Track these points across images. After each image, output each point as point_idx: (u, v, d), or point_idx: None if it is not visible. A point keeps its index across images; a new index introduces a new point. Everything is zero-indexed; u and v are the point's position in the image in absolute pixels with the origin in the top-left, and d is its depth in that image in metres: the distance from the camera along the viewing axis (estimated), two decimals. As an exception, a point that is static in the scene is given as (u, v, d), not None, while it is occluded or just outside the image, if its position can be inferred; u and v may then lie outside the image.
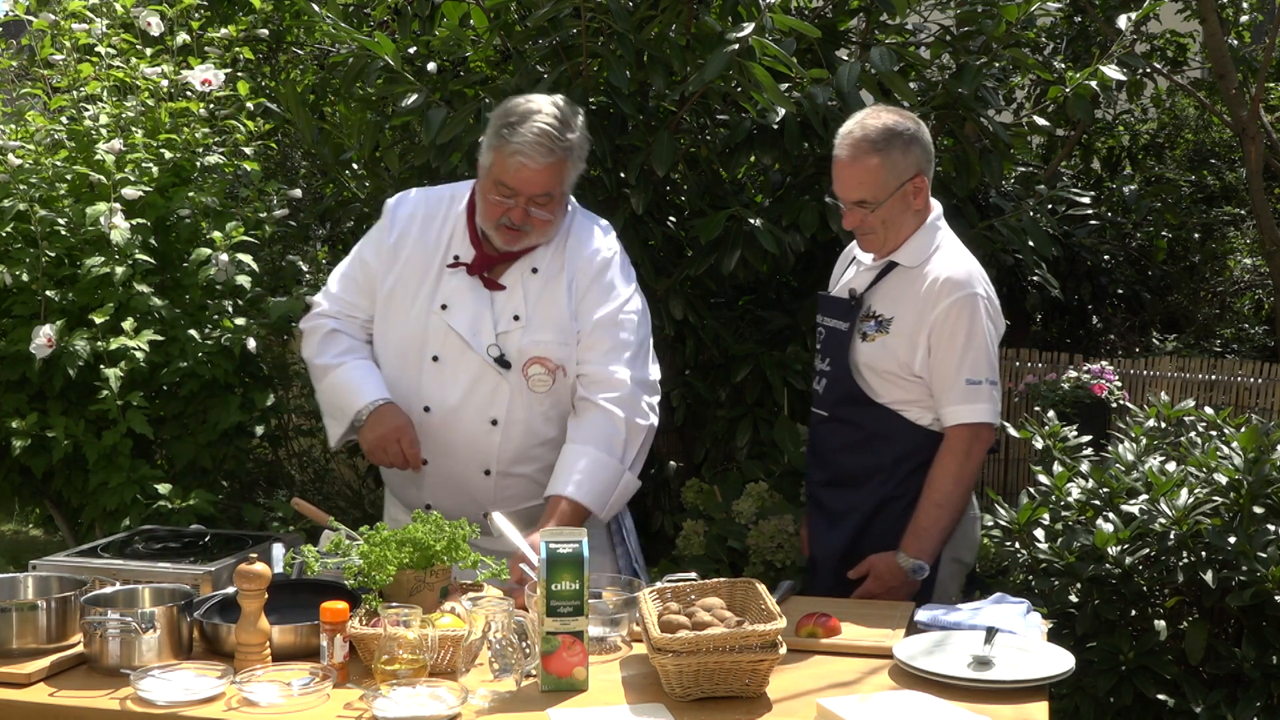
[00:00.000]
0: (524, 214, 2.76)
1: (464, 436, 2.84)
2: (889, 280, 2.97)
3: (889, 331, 2.90)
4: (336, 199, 5.26)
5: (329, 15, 3.90)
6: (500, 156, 2.73)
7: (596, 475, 2.80)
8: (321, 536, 2.61)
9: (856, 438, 2.98)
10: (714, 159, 4.34)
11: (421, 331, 2.84)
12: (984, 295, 2.88)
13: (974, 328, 2.84)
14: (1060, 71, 4.88)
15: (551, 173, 2.74)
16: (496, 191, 2.75)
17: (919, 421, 2.92)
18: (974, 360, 2.85)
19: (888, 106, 3.03)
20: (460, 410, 2.83)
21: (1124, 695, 3.17)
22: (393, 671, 2.12)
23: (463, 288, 2.84)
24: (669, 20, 4.05)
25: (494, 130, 2.76)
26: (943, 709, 2.03)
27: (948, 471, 2.86)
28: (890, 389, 2.92)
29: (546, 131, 2.71)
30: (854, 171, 2.89)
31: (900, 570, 2.88)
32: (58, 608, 2.28)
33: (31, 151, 4.13)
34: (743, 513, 4.13)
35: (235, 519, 4.37)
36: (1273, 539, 3.04)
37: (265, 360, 4.41)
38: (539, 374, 2.83)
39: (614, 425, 2.83)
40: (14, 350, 3.87)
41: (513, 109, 2.77)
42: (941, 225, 2.99)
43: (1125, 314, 7.31)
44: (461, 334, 2.81)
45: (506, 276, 2.86)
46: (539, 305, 2.85)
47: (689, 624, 2.18)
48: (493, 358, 2.80)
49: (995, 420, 2.90)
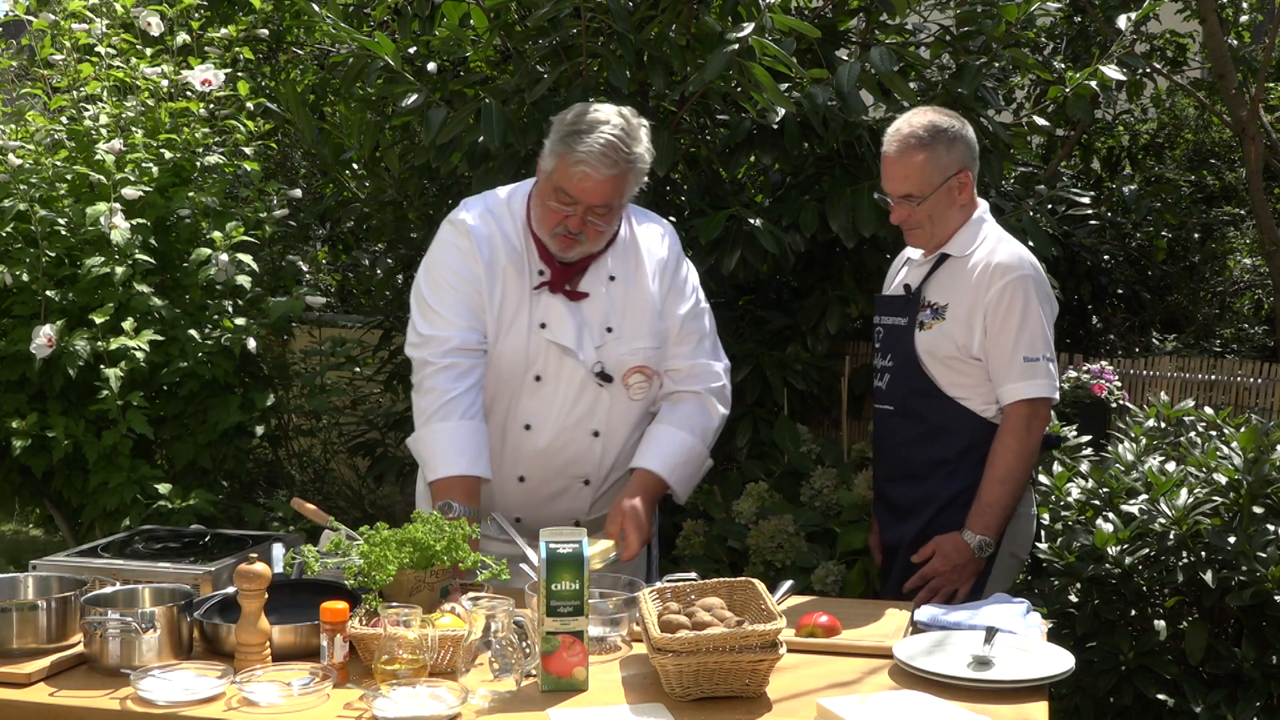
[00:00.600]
0: (581, 222, 2.73)
1: (566, 451, 2.85)
2: (941, 271, 3.05)
3: (945, 318, 2.98)
4: (336, 199, 5.26)
5: (329, 15, 3.90)
6: (564, 164, 2.69)
7: (690, 462, 2.89)
8: (321, 536, 2.61)
9: (921, 430, 3.04)
10: (714, 159, 4.35)
11: (524, 351, 2.81)
12: (1034, 276, 2.96)
13: (1028, 306, 2.92)
14: (1060, 71, 4.88)
15: (613, 185, 2.71)
16: (556, 198, 2.73)
17: (983, 414, 2.98)
18: (1030, 338, 2.92)
19: (934, 107, 3.12)
20: (563, 426, 2.83)
21: (1124, 695, 3.17)
22: (393, 671, 2.12)
23: (554, 304, 2.82)
24: (669, 20, 4.05)
25: (558, 137, 2.72)
26: (943, 709, 2.03)
27: (1009, 448, 2.92)
28: (952, 375, 2.99)
29: (612, 143, 2.67)
30: (900, 166, 2.97)
31: (966, 547, 2.92)
32: (58, 608, 2.28)
33: (31, 151, 4.14)
34: (743, 513, 4.13)
35: (235, 519, 4.37)
36: (1272, 539, 3.04)
37: (265, 360, 4.41)
38: (639, 382, 2.87)
39: (709, 416, 2.94)
40: (14, 350, 3.87)
41: (579, 117, 2.72)
42: (988, 218, 3.07)
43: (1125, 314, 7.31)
44: (569, 348, 2.80)
45: (586, 284, 2.85)
46: (628, 314, 2.86)
47: (689, 624, 2.18)
48: (595, 373, 2.82)
49: (1054, 395, 2.97)
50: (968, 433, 2.99)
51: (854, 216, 4.19)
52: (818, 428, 5.00)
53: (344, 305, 6.67)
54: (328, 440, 5.52)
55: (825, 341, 4.71)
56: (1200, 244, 7.65)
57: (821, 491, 4.18)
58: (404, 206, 4.89)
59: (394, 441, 5.23)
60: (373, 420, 5.31)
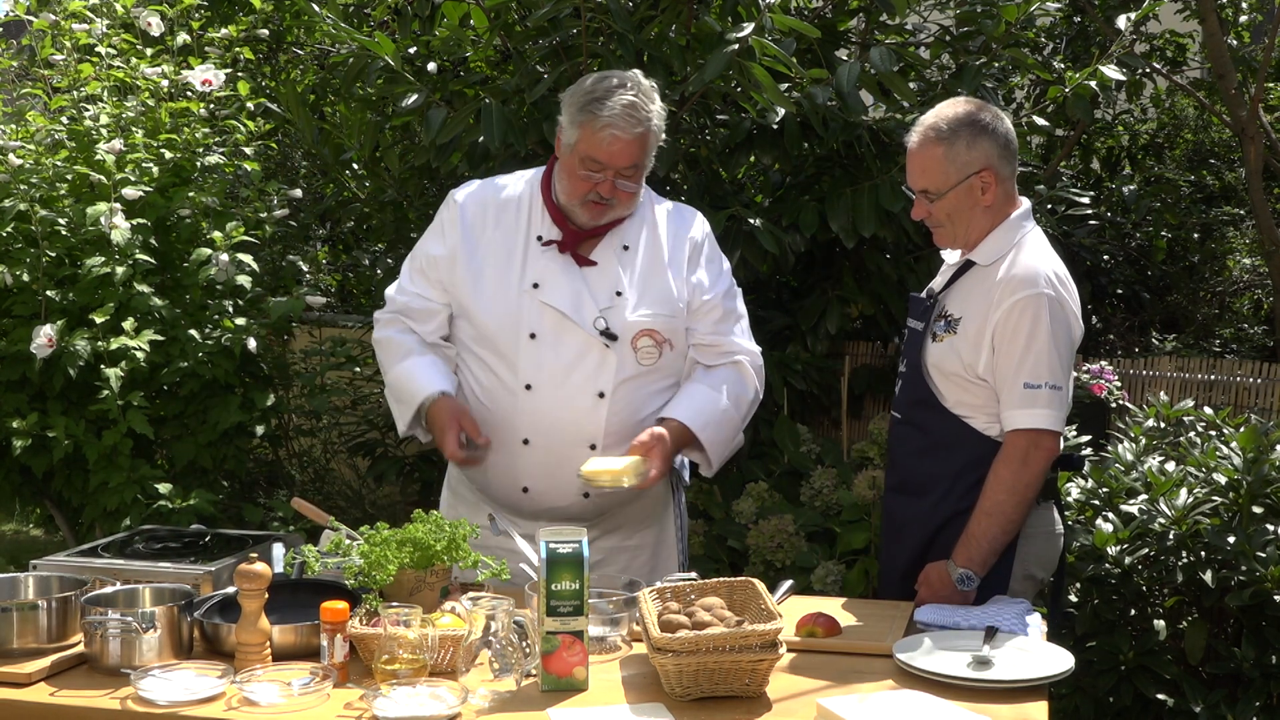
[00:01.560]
0: (612, 187, 2.81)
1: (569, 412, 2.84)
2: (964, 280, 2.88)
3: (956, 332, 2.81)
4: (336, 199, 5.27)
5: (329, 15, 3.90)
6: (590, 132, 2.77)
7: (722, 424, 2.90)
8: (321, 536, 2.61)
9: (924, 443, 2.89)
10: (714, 159, 4.35)
11: (515, 311, 2.86)
12: (1052, 295, 2.73)
13: (1036, 329, 2.71)
14: (1060, 71, 4.89)
15: (639, 144, 2.80)
16: (584, 167, 2.80)
17: (986, 431, 2.80)
18: (1034, 363, 2.71)
19: (970, 98, 2.93)
20: (564, 385, 2.83)
21: (1124, 695, 3.17)
22: (393, 671, 2.12)
23: (553, 266, 2.88)
24: (669, 20, 4.05)
25: (577, 108, 2.80)
26: (943, 709, 2.03)
27: (1000, 479, 2.72)
28: (956, 392, 2.83)
29: (634, 103, 2.77)
30: (918, 160, 2.84)
31: (949, 578, 2.76)
32: (58, 608, 2.28)
33: (32, 151, 4.14)
34: (743, 513, 4.13)
35: (235, 519, 4.37)
36: (1272, 539, 3.04)
37: (265, 360, 4.41)
38: (648, 346, 2.88)
39: (745, 385, 2.96)
40: (14, 350, 3.87)
41: (595, 86, 2.81)
42: (1027, 224, 2.87)
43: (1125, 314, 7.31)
44: (562, 310, 2.84)
45: (596, 253, 2.90)
46: (642, 281, 2.90)
47: (689, 624, 2.18)
48: (599, 330, 2.84)
49: (1057, 428, 2.74)
50: (967, 450, 2.81)
51: (854, 216, 4.19)
52: (818, 428, 5.01)
53: (344, 305, 6.67)
54: (328, 440, 5.52)
55: (825, 341, 4.72)
56: (1200, 244, 7.65)
57: (821, 491, 4.18)
58: (404, 206, 4.89)
59: (394, 441, 5.23)
60: (373, 420, 5.31)
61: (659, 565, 3.04)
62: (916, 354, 2.90)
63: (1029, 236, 2.85)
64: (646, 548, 3.03)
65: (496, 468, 2.89)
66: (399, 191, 4.85)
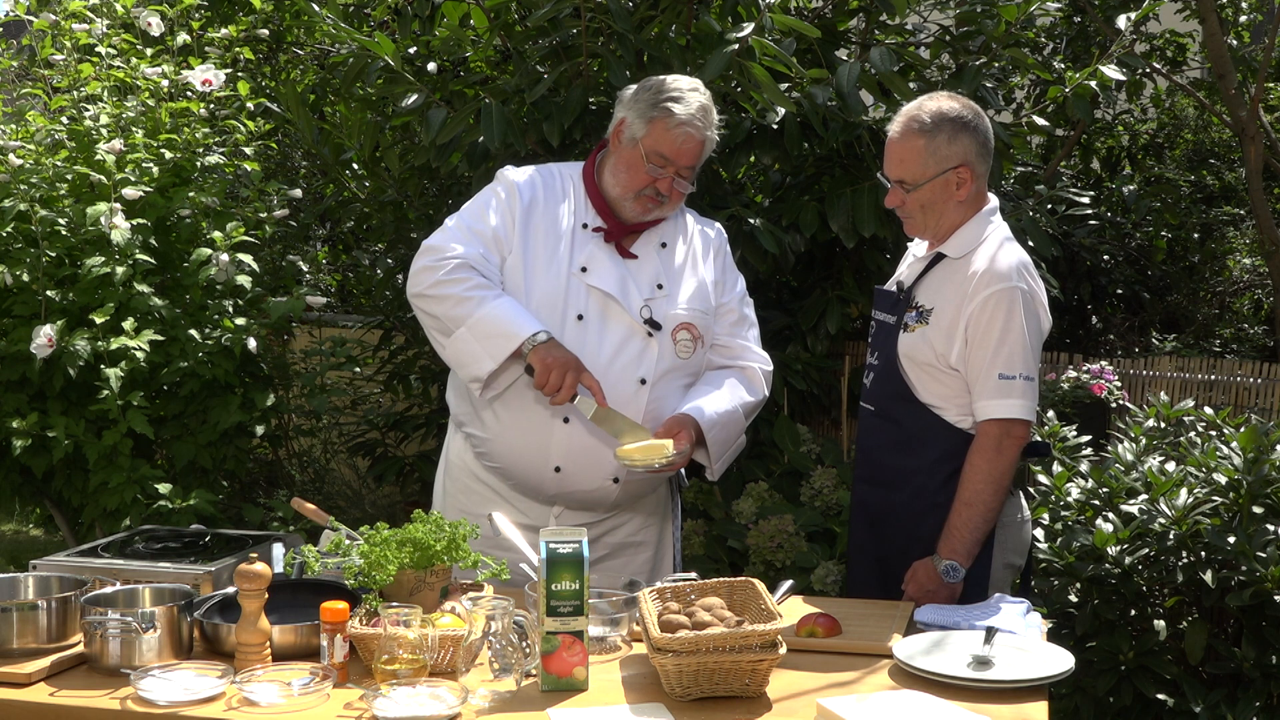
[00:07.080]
0: (670, 184, 2.89)
1: (612, 395, 2.84)
2: (934, 272, 2.93)
3: (928, 322, 2.87)
4: (336, 199, 5.26)
5: (329, 15, 3.90)
6: (663, 128, 2.84)
7: (727, 425, 2.92)
8: (321, 536, 2.61)
9: (897, 436, 2.93)
10: (714, 159, 4.34)
11: (562, 291, 2.88)
12: (1025, 289, 2.81)
13: (1010, 321, 2.78)
14: (1060, 71, 4.89)
15: (706, 144, 2.91)
16: (650, 160, 2.86)
17: (958, 424, 2.85)
18: (1008, 355, 2.78)
19: (952, 94, 2.99)
20: (610, 368, 2.86)
21: (1124, 695, 3.17)
22: (393, 671, 2.12)
23: (599, 253, 2.92)
24: (669, 20, 4.05)
25: (648, 104, 2.86)
26: (942, 709, 2.03)
27: (977, 469, 2.79)
28: (929, 382, 2.87)
29: (706, 106, 2.89)
30: (898, 149, 2.90)
31: (935, 573, 2.80)
32: (58, 608, 2.28)
33: (32, 151, 4.14)
34: (743, 513, 4.13)
35: (235, 519, 4.37)
36: (1272, 539, 3.04)
37: (265, 360, 4.41)
38: (685, 339, 2.94)
39: (753, 390, 3.02)
40: (14, 350, 3.87)
41: (667, 85, 2.89)
42: (994, 219, 2.94)
43: (1125, 314, 7.32)
44: (611, 293, 2.88)
45: (636, 247, 2.97)
46: (679, 277, 2.97)
47: (689, 624, 2.18)
48: (644, 319, 2.89)
49: (1029, 417, 2.82)
50: (940, 443, 2.86)
51: (854, 216, 4.20)
52: (818, 428, 5.01)
53: (344, 305, 6.68)
54: (328, 440, 5.53)
55: (825, 341, 4.72)
56: (1200, 244, 7.66)
57: (821, 491, 4.18)
58: (404, 206, 4.89)
59: (394, 441, 5.23)
60: (373, 420, 5.32)
61: (660, 563, 3.05)
62: (890, 346, 2.94)
63: (997, 230, 2.93)
64: (650, 544, 3.06)
65: (530, 446, 2.90)
66: (399, 191, 4.85)
